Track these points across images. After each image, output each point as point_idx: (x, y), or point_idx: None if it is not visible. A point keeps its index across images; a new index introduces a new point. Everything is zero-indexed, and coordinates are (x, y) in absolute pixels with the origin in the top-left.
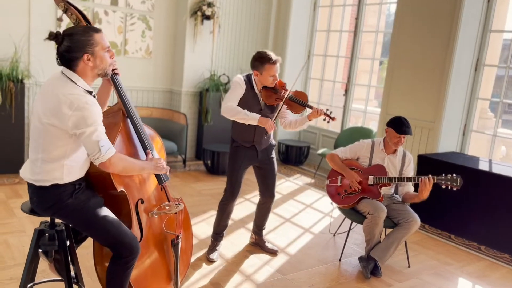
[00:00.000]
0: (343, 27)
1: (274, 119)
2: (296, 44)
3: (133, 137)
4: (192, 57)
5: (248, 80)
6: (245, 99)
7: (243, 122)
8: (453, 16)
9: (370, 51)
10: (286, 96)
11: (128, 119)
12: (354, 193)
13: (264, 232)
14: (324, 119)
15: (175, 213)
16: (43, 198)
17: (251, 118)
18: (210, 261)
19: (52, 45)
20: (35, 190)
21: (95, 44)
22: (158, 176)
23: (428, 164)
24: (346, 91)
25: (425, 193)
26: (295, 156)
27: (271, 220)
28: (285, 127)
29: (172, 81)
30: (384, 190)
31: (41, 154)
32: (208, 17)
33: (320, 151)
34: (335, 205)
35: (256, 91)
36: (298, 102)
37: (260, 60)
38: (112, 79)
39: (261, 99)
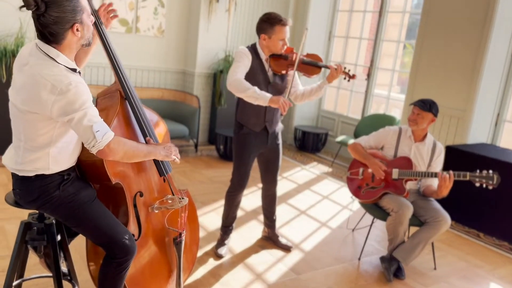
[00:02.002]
0: (367, 7)
1: (288, 94)
2: (316, 25)
3: (132, 122)
4: (207, 37)
5: (253, 49)
6: (252, 70)
7: (251, 101)
8: None
9: (393, 33)
10: (297, 59)
11: (127, 101)
12: (376, 187)
13: (276, 224)
14: (344, 78)
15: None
16: (26, 190)
17: (261, 98)
18: (218, 257)
19: None
20: (17, 181)
21: (82, 9)
22: (159, 166)
23: (457, 156)
24: (369, 75)
25: (445, 190)
26: (312, 143)
27: (286, 212)
28: (297, 99)
29: (185, 62)
30: (410, 185)
31: (23, 142)
32: None
33: (339, 138)
34: (355, 199)
35: (263, 61)
36: (313, 63)
37: (270, 22)
38: (103, 42)
39: (269, 69)
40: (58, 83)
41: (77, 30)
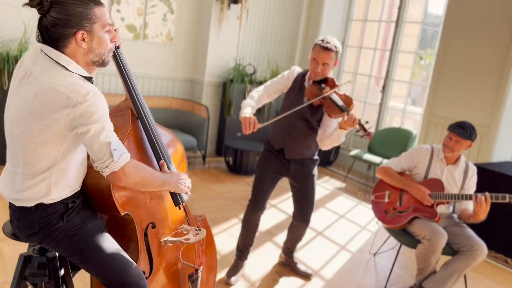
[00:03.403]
0: (386, 17)
1: (298, 108)
2: (329, 34)
3: (145, 144)
4: (217, 44)
5: (303, 74)
6: (288, 94)
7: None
8: None
9: (406, 44)
10: (327, 93)
11: (139, 121)
12: (405, 212)
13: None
14: (358, 131)
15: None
16: (25, 222)
17: (241, 110)
18: (228, 284)
19: None
20: (15, 212)
21: (94, 19)
22: (174, 195)
23: (480, 175)
24: (384, 87)
25: (482, 214)
26: (323, 156)
27: None
28: (321, 141)
29: (194, 70)
30: (441, 209)
31: (21, 168)
32: (235, 1)
33: (353, 152)
34: (381, 224)
35: (306, 84)
36: (337, 103)
37: (315, 42)
38: (116, 61)
39: (305, 96)
40: (74, 93)
41: (82, 39)
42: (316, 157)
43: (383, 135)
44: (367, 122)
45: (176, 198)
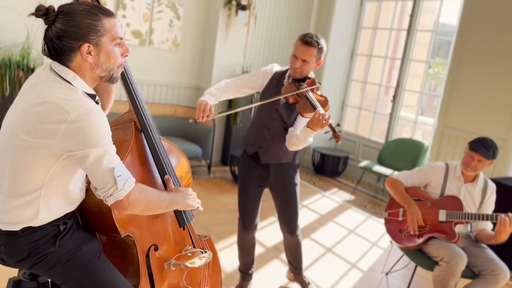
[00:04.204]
0: (395, 25)
1: (274, 99)
2: (339, 42)
3: (148, 159)
4: (224, 51)
5: (283, 72)
6: (264, 93)
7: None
8: None
9: (416, 53)
10: (303, 89)
11: (143, 134)
12: (420, 231)
13: (303, 268)
14: (326, 132)
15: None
16: (13, 248)
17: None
18: None
19: None
20: (1, 236)
21: (102, 31)
22: (180, 216)
23: (499, 190)
24: (395, 97)
25: (504, 235)
26: (331, 166)
27: (311, 249)
28: (288, 139)
29: (200, 77)
30: (459, 228)
31: (7, 184)
32: (243, 7)
33: (363, 164)
34: (395, 244)
35: (284, 82)
36: (311, 101)
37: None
38: (122, 75)
39: (282, 93)
40: (73, 109)
41: (88, 53)
42: (296, 162)
43: (393, 146)
44: (338, 124)
45: (181, 218)
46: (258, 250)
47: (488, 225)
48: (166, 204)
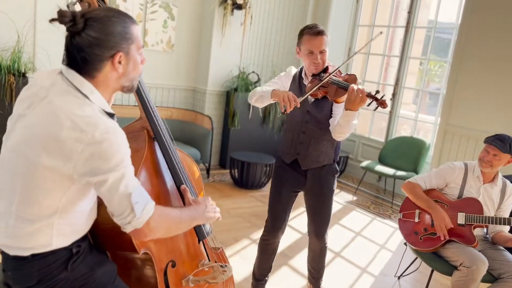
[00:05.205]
0: (391, 22)
1: (301, 99)
2: (335, 40)
3: (162, 169)
4: (220, 52)
5: (300, 71)
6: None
7: (258, 103)
8: None
9: (415, 50)
10: (326, 77)
11: (156, 142)
12: (438, 234)
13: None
14: (369, 104)
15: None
16: (20, 273)
17: (265, 93)
18: None
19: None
20: (8, 261)
21: (132, 39)
22: (199, 229)
23: None
24: (394, 95)
25: None
26: None
27: None
28: (332, 131)
29: (196, 79)
30: (476, 231)
31: (15, 206)
32: (239, 7)
33: (364, 163)
34: (409, 246)
35: (306, 83)
36: (340, 83)
37: (300, 32)
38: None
39: (307, 92)
40: (90, 127)
41: (119, 62)
42: (335, 165)
43: (394, 145)
44: (377, 91)
45: (201, 232)
46: None
47: (505, 227)
48: (188, 223)
